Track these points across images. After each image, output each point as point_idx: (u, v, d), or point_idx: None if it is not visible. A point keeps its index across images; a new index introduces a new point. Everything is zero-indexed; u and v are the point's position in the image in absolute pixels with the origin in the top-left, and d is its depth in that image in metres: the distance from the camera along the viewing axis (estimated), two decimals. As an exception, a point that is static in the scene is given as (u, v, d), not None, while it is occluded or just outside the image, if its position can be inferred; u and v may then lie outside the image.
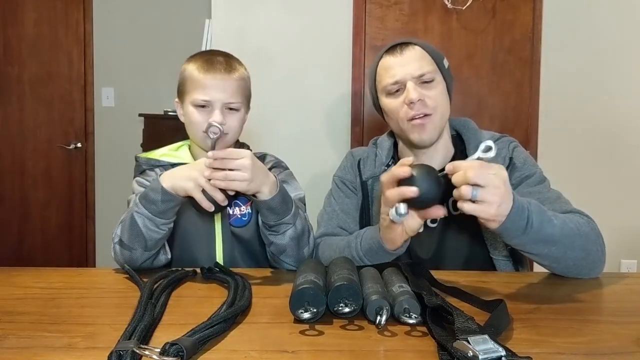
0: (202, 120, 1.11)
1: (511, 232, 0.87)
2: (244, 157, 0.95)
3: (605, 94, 2.58)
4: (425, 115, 1.10)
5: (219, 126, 1.03)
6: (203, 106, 1.12)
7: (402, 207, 0.87)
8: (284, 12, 2.52)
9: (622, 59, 2.57)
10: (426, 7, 2.53)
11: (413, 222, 0.94)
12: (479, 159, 0.85)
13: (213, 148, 1.01)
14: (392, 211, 0.88)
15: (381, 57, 1.16)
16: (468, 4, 2.48)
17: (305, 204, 1.21)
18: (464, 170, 0.83)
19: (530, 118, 2.57)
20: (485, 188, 0.82)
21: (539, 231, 0.89)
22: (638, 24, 2.56)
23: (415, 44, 1.14)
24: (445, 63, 1.17)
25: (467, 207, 0.83)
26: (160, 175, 1.01)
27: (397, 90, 1.12)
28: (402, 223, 0.94)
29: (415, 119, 1.11)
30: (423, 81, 1.11)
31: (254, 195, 1.00)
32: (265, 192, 0.99)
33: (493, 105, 2.55)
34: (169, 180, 0.98)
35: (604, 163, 2.60)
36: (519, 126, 2.57)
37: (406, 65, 1.11)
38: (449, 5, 2.49)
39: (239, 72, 1.16)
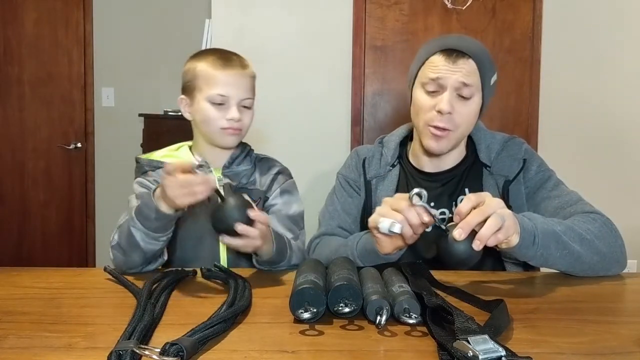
0: (219, 116, 1.12)
1: (526, 240, 0.88)
2: (264, 225, 0.97)
3: (605, 93, 2.58)
4: (446, 129, 1.09)
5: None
6: (220, 103, 1.12)
7: (397, 227, 0.87)
8: (284, 12, 2.52)
9: (622, 59, 2.57)
10: (426, 7, 2.53)
11: (400, 242, 0.95)
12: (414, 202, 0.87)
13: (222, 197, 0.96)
14: (383, 224, 0.88)
15: (435, 51, 1.10)
16: (468, 4, 2.48)
17: (303, 219, 1.22)
18: (475, 215, 0.82)
19: (530, 118, 2.58)
20: (498, 211, 0.82)
21: (545, 233, 0.90)
22: (638, 24, 2.56)
23: (472, 58, 1.08)
24: (493, 79, 1.13)
25: (495, 240, 0.82)
26: (154, 189, 0.98)
27: (433, 91, 1.10)
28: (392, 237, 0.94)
29: (437, 128, 1.09)
30: (461, 95, 1.08)
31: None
32: (265, 252, 1.02)
33: (493, 105, 2.52)
34: (169, 203, 0.94)
35: (603, 163, 2.60)
36: (519, 126, 2.57)
37: (453, 74, 1.07)
38: (449, 5, 2.49)
39: (251, 70, 1.18)
